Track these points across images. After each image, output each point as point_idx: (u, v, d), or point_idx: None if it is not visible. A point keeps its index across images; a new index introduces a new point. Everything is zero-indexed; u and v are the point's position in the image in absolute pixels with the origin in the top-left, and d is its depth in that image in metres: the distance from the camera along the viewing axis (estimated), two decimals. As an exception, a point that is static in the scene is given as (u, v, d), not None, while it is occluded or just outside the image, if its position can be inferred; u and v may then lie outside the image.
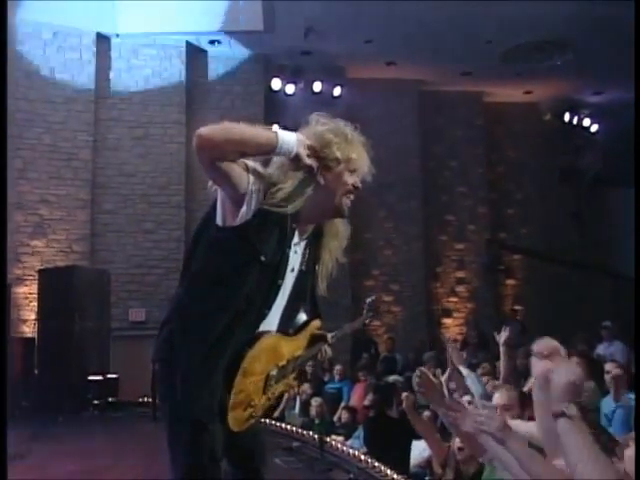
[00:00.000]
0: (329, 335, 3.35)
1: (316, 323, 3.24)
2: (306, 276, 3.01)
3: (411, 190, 14.96)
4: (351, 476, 6.65)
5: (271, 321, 2.92)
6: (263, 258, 2.75)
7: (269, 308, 2.87)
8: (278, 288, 2.86)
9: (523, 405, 4.31)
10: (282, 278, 2.85)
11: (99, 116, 12.68)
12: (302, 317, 3.17)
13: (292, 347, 3.06)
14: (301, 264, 2.97)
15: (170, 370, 2.77)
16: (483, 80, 15.17)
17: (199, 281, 2.85)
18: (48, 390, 10.92)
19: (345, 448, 7.44)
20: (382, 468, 6.49)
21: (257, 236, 2.75)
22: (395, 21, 12.26)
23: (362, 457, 6.92)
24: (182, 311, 2.85)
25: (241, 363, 2.79)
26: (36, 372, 11.44)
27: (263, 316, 2.86)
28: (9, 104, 12.09)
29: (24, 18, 12.16)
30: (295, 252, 2.92)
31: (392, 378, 9.92)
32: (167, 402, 2.83)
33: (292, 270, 2.92)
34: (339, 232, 3.07)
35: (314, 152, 2.86)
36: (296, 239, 2.91)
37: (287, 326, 3.03)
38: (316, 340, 3.28)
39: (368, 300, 3.97)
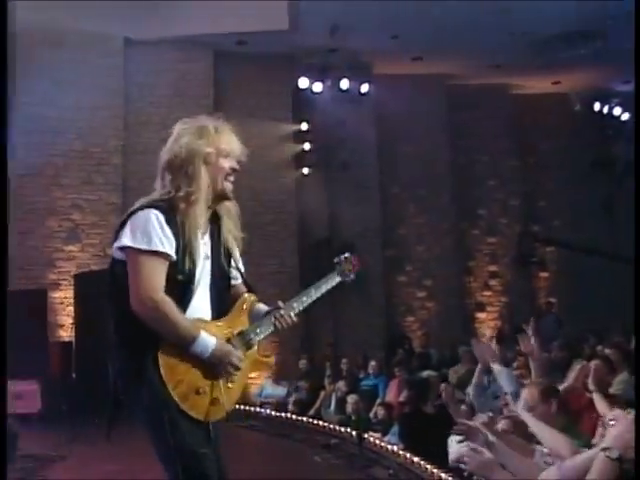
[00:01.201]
0: (280, 303, 3.40)
1: (248, 297, 3.32)
2: (220, 259, 3.20)
3: (442, 185, 14.92)
4: (390, 472, 6.65)
5: (201, 309, 3.08)
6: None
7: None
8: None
9: (550, 400, 4.25)
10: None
11: (128, 120, 12.77)
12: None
13: (224, 327, 3.13)
14: (212, 250, 3.18)
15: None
16: (511, 72, 15.04)
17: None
18: (86, 393, 11.02)
19: (383, 444, 7.44)
20: (422, 463, 6.47)
21: None
22: (421, 15, 12.20)
23: (401, 453, 6.91)
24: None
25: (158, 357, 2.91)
26: (74, 376, 11.56)
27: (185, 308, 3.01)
28: (40, 111, 12.29)
29: (53, 25, 12.28)
30: (204, 243, 3.13)
31: (426, 373, 9.87)
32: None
33: (207, 257, 3.13)
34: (230, 212, 3.29)
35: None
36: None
37: (220, 309, 3.18)
38: (266, 313, 3.36)
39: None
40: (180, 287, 2.99)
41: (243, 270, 3.37)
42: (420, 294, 14.77)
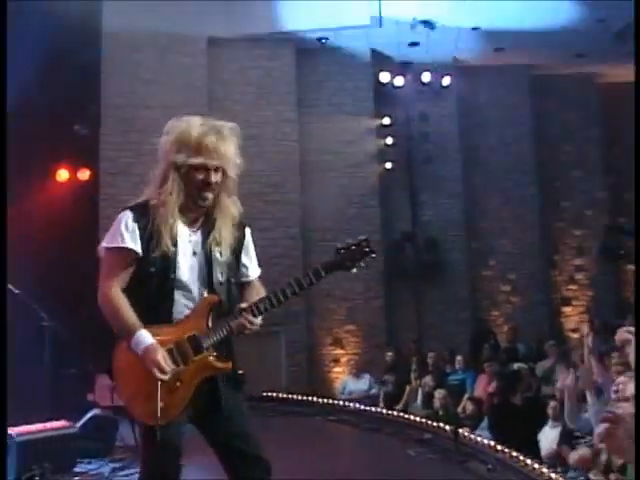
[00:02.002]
0: (243, 305, 3.17)
1: (210, 298, 3.21)
2: (210, 257, 3.22)
3: (526, 177, 14.68)
4: (489, 467, 6.60)
5: (187, 304, 3.18)
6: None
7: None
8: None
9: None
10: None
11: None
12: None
13: (179, 329, 3.12)
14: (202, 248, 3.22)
15: None
16: (596, 61, 14.70)
17: None
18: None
19: (479, 439, 7.39)
20: (521, 458, 6.41)
21: None
22: (502, 5, 12.05)
23: (499, 448, 6.85)
24: None
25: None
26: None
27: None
28: (128, 111, 12.58)
29: (139, 27, 12.56)
30: (190, 241, 3.22)
31: (516, 365, 9.77)
32: None
33: (194, 254, 3.21)
34: (226, 212, 3.27)
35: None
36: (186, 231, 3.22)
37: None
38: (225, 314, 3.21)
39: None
40: (155, 280, 3.08)
41: (250, 268, 3.37)
42: (505, 288, 14.57)
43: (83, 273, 12.03)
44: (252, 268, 3.39)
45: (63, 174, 12.65)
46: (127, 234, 3.09)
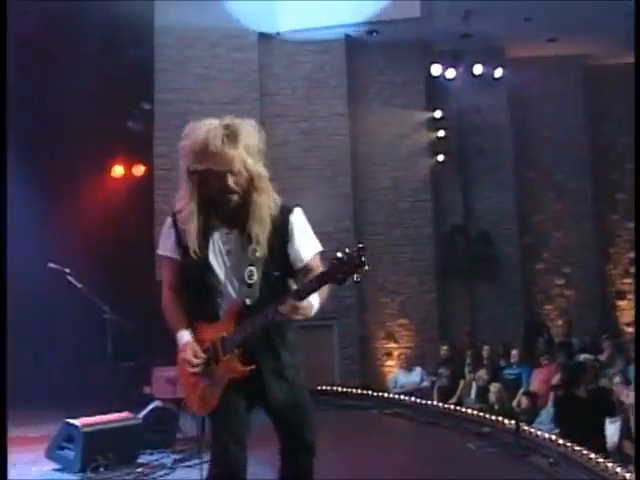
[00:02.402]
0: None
1: (238, 301, 3.23)
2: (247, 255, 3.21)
3: (579, 169, 14.49)
4: (551, 460, 6.54)
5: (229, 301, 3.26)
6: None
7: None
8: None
9: None
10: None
11: (265, 113, 12.99)
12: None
13: (219, 329, 3.23)
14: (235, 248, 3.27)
15: None
16: (652, 49, 14.43)
17: None
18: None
19: (540, 433, 7.33)
20: (584, 452, 6.34)
21: None
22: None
23: (560, 442, 6.79)
24: None
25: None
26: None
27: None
28: (181, 107, 12.69)
29: (190, 23, 12.67)
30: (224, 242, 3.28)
31: (582, 357, 9.66)
32: None
33: (228, 254, 3.26)
34: (255, 210, 3.19)
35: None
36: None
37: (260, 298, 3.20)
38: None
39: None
40: (194, 282, 3.24)
41: (301, 253, 3.29)
42: (559, 282, 14.42)
43: (139, 267, 12.28)
44: (303, 252, 3.30)
45: (118, 170, 12.85)
46: (166, 241, 3.29)
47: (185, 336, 3.22)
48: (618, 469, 5.83)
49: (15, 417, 10.12)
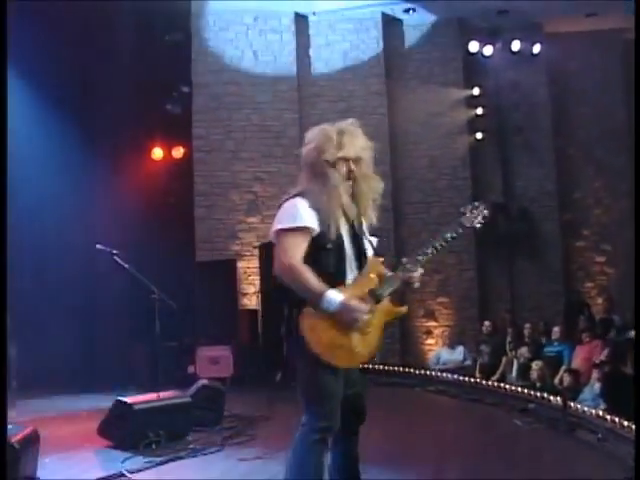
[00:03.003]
0: (404, 259, 3.89)
1: (374, 260, 3.87)
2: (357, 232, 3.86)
3: (619, 145, 14.27)
4: (599, 436, 6.54)
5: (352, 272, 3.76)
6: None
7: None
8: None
9: None
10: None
11: (302, 93, 13.04)
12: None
13: (358, 287, 3.69)
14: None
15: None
16: (695, 21, 14.19)
17: None
18: (272, 358, 11.40)
19: (586, 409, 7.32)
20: (633, 427, 6.32)
21: None
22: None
23: (608, 417, 6.78)
24: None
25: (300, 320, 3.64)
26: (260, 342, 12.01)
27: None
28: (218, 89, 12.77)
29: (226, 5, 12.72)
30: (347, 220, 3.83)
31: (632, 334, 9.59)
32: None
33: (351, 229, 3.82)
34: (362, 192, 3.87)
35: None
36: None
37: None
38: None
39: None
40: (332, 253, 3.66)
41: (371, 240, 3.94)
42: (599, 259, 14.29)
43: (179, 249, 12.42)
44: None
45: (158, 153, 12.95)
46: (305, 215, 3.63)
47: (338, 295, 3.53)
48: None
49: (66, 396, 10.45)
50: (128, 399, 6.88)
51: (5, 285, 5.66)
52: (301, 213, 3.63)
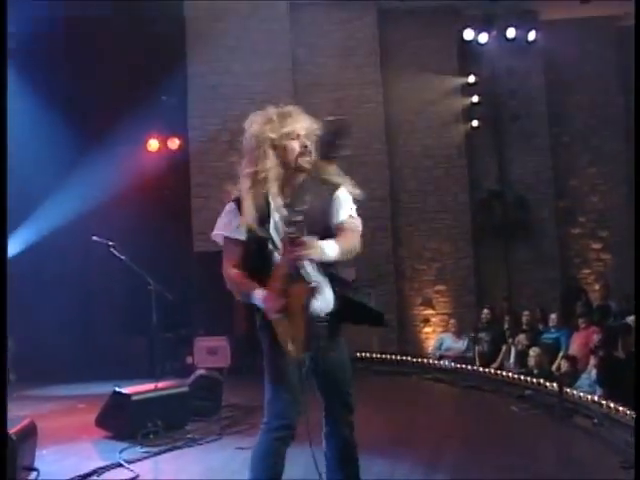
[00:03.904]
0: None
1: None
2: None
3: (615, 132, 14.29)
4: (595, 421, 6.57)
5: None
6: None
7: None
8: None
9: None
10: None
11: (298, 83, 13.00)
12: None
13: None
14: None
15: None
16: (689, 8, 14.16)
17: None
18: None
19: (582, 394, 7.36)
20: (628, 412, 6.36)
21: None
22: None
23: (603, 402, 6.81)
24: None
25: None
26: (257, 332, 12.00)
27: None
28: (213, 79, 12.73)
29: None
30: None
31: (630, 319, 9.61)
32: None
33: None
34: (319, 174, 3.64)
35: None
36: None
37: None
38: None
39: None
40: (258, 251, 3.57)
41: (339, 220, 3.66)
42: (595, 246, 14.31)
43: (176, 240, 12.42)
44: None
45: (153, 144, 12.92)
46: (232, 224, 3.66)
47: (260, 292, 3.51)
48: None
49: (64, 387, 10.49)
50: (126, 390, 6.91)
51: (5, 285, 5.67)
52: (225, 221, 3.67)
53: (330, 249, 3.51)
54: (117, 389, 6.99)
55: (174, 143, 13.02)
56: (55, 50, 11.80)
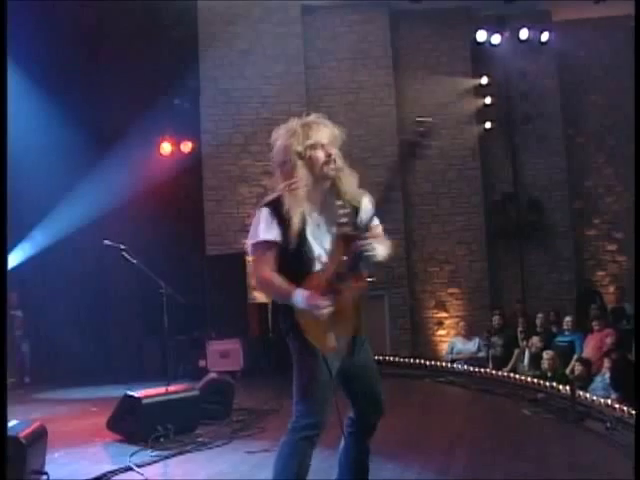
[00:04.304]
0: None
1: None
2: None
3: (629, 133, 14.13)
4: (608, 425, 6.52)
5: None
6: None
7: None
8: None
9: None
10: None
11: (310, 86, 13.04)
12: None
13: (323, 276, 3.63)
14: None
15: None
16: None
17: None
18: (283, 351, 11.42)
19: (595, 398, 7.31)
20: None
21: None
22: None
23: (617, 406, 6.76)
24: None
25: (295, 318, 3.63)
26: (271, 335, 12.02)
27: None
28: (226, 83, 12.77)
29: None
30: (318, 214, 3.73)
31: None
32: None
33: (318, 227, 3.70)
34: (343, 182, 3.74)
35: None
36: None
37: None
38: None
39: None
40: (296, 255, 3.58)
41: (374, 224, 3.73)
42: (610, 247, 14.21)
43: (190, 243, 12.46)
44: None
45: (166, 148, 12.98)
46: (268, 228, 3.63)
47: (302, 292, 3.49)
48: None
49: (76, 390, 10.54)
50: (137, 393, 6.91)
51: (5, 285, 5.69)
52: (262, 227, 3.65)
53: (388, 248, 3.71)
54: (128, 392, 7.00)
55: (187, 146, 13.09)
56: (69, 55, 11.86)
